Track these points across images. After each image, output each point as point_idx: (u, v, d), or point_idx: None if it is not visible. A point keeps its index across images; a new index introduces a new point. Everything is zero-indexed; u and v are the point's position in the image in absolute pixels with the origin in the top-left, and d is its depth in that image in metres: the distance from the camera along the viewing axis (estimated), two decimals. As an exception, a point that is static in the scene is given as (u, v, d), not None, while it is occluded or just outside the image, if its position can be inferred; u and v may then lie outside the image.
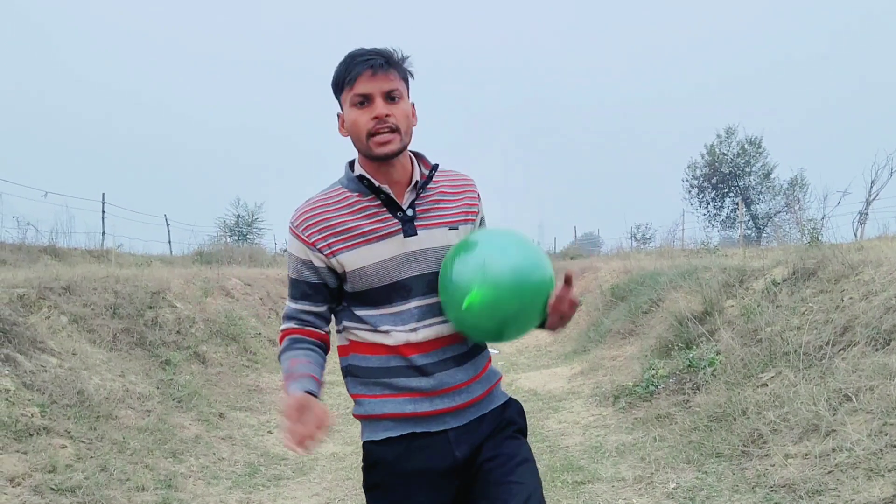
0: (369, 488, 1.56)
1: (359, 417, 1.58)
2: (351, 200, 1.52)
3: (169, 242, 16.79)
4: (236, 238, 22.37)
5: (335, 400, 6.96)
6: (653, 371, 5.90)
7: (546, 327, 1.53)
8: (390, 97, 1.47)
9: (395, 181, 1.53)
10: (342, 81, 1.49)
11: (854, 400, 3.68)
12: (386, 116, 1.46)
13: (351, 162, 1.58)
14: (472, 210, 1.63)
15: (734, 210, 23.17)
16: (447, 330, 1.53)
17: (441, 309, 1.52)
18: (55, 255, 10.07)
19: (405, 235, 1.51)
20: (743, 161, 23.37)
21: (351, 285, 1.53)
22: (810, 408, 3.82)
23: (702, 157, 24.23)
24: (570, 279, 1.47)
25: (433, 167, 1.60)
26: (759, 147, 23.41)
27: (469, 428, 1.54)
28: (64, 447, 3.88)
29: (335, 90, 1.53)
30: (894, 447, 3.19)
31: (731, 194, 23.84)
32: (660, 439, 4.69)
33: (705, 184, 24.24)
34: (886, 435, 3.29)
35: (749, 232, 22.32)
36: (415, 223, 1.52)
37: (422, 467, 1.51)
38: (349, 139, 1.53)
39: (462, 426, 1.53)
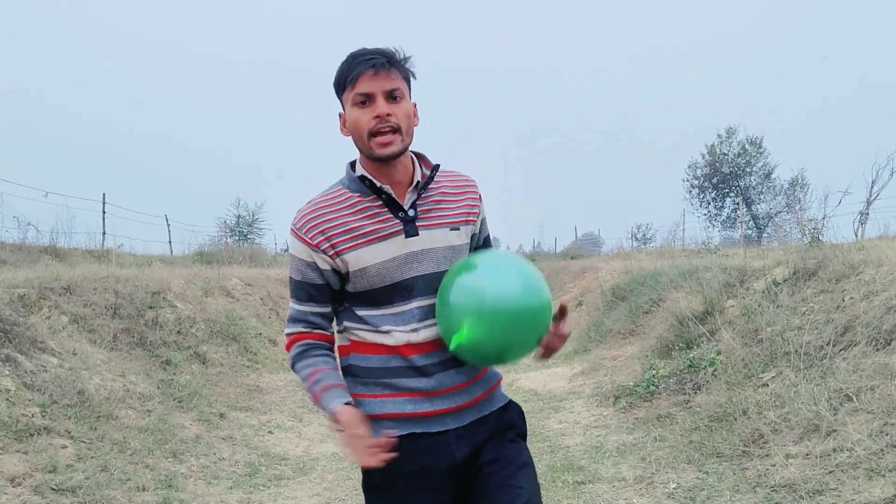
0: (369, 488, 1.56)
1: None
2: (353, 201, 1.52)
3: (169, 242, 16.83)
4: (237, 238, 22.37)
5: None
6: (653, 371, 5.90)
7: (534, 356, 1.55)
8: (392, 96, 1.47)
9: (397, 181, 1.53)
10: (344, 81, 1.49)
11: (855, 400, 3.67)
12: (387, 116, 1.45)
13: (352, 162, 1.58)
14: (474, 211, 1.62)
15: (735, 210, 23.14)
16: None
17: None
18: (56, 256, 10.07)
19: (407, 236, 1.50)
20: (744, 161, 23.35)
21: (353, 285, 1.52)
22: (811, 408, 3.82)
23: (702, 157, 24.21)
24: (565, 310, 1.49)
25: (434, 167, 1.59)
26: (760, 147, 23.39)
27: (469, 429, 1.54)
28: (64, 447, 3.88)
29: (337, 90, 1.53)
30: (895, 447, 3.19)
31: (732, 194, 23.81)
32: (660, 439, 4.69)
33: (706, 184, 24.21)
34: (887, 435, 3.28)
35: (750, 232, 22.31)
36: (416, 223, 1.52)
37: (422, 468, 1.51)
38: (350, 139, 1.52)
39: (462, 427, 1.53)
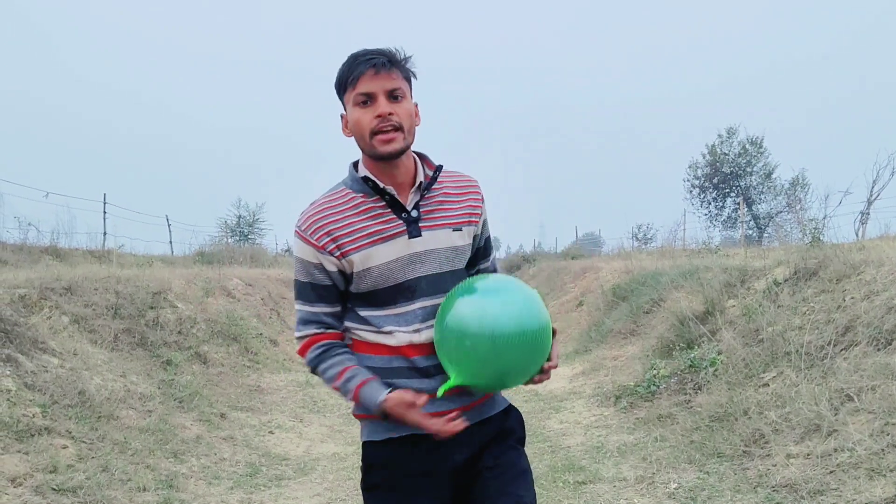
0: (368, 488, 1.56)
1: (359, 417, 1.58)
2: (357, 201, 1.52)
3: (170, 243, 16.83)
4: (237, 238, 22.35)
5: (336, 400, 6.96)
6: (654, 371, 5.90)
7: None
8: (393, 96, 1.47)
9: (399, 182, 1.53)
10: (345, 81, 1.49)
11: (856, 400, 3.67)
12: (389, 115, 1.45)
13: (355, 163, 1.58)
14: (476, 212, 1.62)
15: (735, 210, 23.13)
16: None
17: None
18: (56, 256, 10.08)
19: (410, 236, 1.50)
20: (744, 161, 23.34)
21: (356, 286, 1.52)
22: (812, 408, 3.82)
23: (703, 157, 24.21)
24: (554, 364, 1.53)
25: (437, 168, 1.59)
26: (761, 147, 23.39)
27: (470, 431, 1.53)
28: (65, 447, 3.88)
29: (338, 90, 1.53)
30: (896, 447, 3.18)
31: (733, 194, 23.80)
32: (661, 439, 4.69)
33: (706, 184, 24.21)
34: (888, 435, 3.28)
35: (750, 232, 22.30)
36: (419, 224, 1.52)
37: (422, 469, 1.51)
38: (353, 140, 1.52)
39: (463, 429, 1.53)
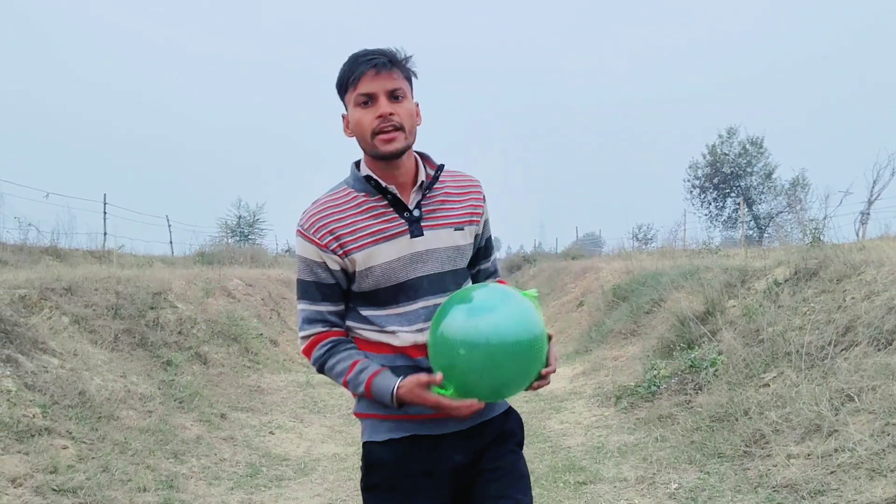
0: (368, 488, 1.56)
1: (360, 416, 1.58)
2: (359, 200, 1.52)
3: (170, 243, 16.82)
4: (238, 238, 22.34)
5: (337, 400, 6.96)
6: (655, 371, 5.90)
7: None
8: (394, 96, 1.47)
9: (401, 182, 1.53)
10: (346, 82, 1.49)
11: (856, 400, 3.67)
12: (390, 115, 1.45)
13: (357, 162, 1.58)
14: (478, 211, 1.63)
15: (736, 210, 23.13)
16: None
17: None
18: (57, 256, 10.08)
19: (412, 236, 1.50)
20: (744, 161, 23.34)
21: (358, 285, 1.52)
22: (812, 408, 3.82)
23: (703, 158, 24.20)
24: (553, 369, 1.50)
25: (439, 167, 1.59)
26: (761, 147, 23.38)
27: (470, 433, 1.54)
28: (65, 448, 3.88)
29: (339, 91, 1.53)
30: (897, 447, 3.18)
31: (733, 194, 23.80)
32: (662, 439, 4.69)
33: (707, 184, 24.20)
34: (889, 435, 3.28)
35: (751, 232, 22.29)
36: (421, 224, 1.52)
37: (422, 469, 1.51)
38: (354, 140, 1.53)
39: (463, 431, 1.53)
